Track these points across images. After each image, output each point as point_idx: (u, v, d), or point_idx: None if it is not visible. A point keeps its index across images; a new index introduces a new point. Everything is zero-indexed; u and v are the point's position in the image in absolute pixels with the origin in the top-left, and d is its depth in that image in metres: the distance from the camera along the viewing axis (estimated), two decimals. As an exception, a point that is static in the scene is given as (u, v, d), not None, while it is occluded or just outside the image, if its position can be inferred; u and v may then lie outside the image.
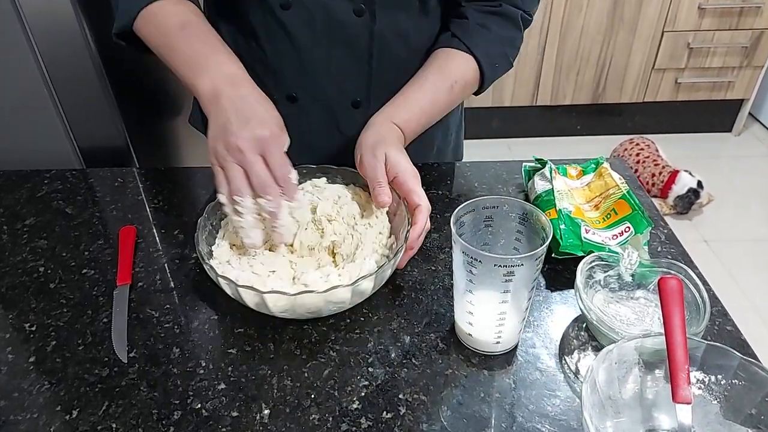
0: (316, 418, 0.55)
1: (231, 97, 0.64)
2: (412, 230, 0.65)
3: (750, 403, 0.51)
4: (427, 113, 0.78)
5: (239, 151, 0.61)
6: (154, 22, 0.71)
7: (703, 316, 0.57)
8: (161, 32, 0.71)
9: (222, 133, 0.62)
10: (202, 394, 0.57)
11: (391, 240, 0.69)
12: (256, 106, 0.65)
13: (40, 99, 0.89)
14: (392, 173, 0.68)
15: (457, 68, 0.79)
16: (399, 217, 0.69)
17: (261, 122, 0.62)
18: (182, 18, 0.71)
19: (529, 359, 0.61)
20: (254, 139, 0.61)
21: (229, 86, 0.65)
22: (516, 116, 2.64)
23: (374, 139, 0.70)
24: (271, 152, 0.62)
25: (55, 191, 0.86)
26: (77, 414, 0.56)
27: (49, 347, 0.62)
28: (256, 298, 0.58)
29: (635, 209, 0.71)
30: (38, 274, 0.71)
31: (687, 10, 2.33)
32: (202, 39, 0.70)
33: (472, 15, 0.81)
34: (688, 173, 2.22)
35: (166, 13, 0.71)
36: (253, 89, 0.67)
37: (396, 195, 0.68)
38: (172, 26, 0.70)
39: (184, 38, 0.70)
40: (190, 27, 0.71)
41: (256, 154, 0.61)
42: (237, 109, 0.63)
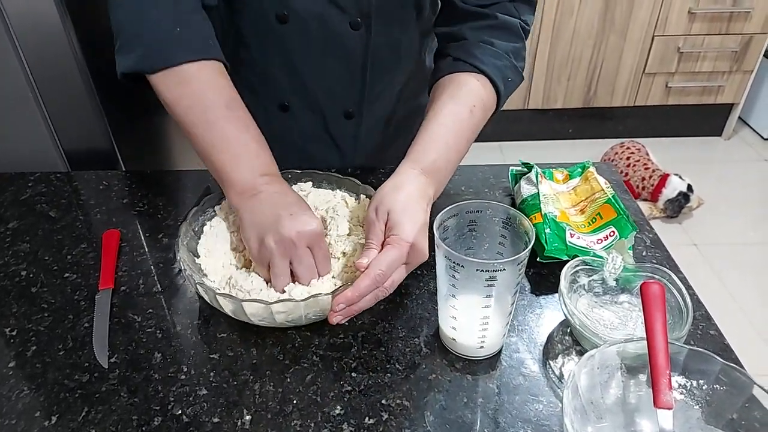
0: (298, 424, 0.55)
1: (270, 193, 0.64)
2: (341, 293, 0.57)
3: (731, 408, 0.51)
4: (453, 147, 0.69)
5: (293, 244, 0.60)
6: (190, 89, 0.66)
7: (685, 320, 0.57)
8: (199, 105, 0.66)
9: (271, 228, 0.61)
10: (183, 399, 0.57)
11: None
12: (298, 202, 0.64)
13: (24, 101, 0.88)
14: (388, 234, 0.60)
15: (471, 92, 0.72)
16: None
17: (311, 217, 0.62)
18: (227, 95, 0.67)
19: (513, 364, 0.61)
20: (306, 233, 0.61)
21: (269, 183, 0.65)
22: (507, 120, 2.65)
23: (388, 190, 0.63)
24: (320, 246, 0.63)
25: (39, 194, 0.85)
26: (56, 420, 0.55)
27: (30, 352, 0.62)
28: (231, 306, 0.58)
29: (620, 213, 0.71)
30: (20, 278, 0.71)
31: (677, 15, 2.34)
32: (247, 125, 0.67)
33: (471, 34, 0.75)
34: (679, 177, 2.23)
35: (206, 81, 0.66)
36: (288, 187, 0.67)
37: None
38: (216, 104, 0.66)
39: (230, 121, 0.66)
40: (236, 110, 0.67)
41: (305, 248, 0.61)
42: (282, 205, 0.63)
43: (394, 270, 0.59)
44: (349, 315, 0.59)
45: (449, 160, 0.69)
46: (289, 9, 0.74)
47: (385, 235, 0.60)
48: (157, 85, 0.67)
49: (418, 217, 0.61)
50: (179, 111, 0.67)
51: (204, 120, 0.66)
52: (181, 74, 0.66)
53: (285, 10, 0.74)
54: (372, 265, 0.57)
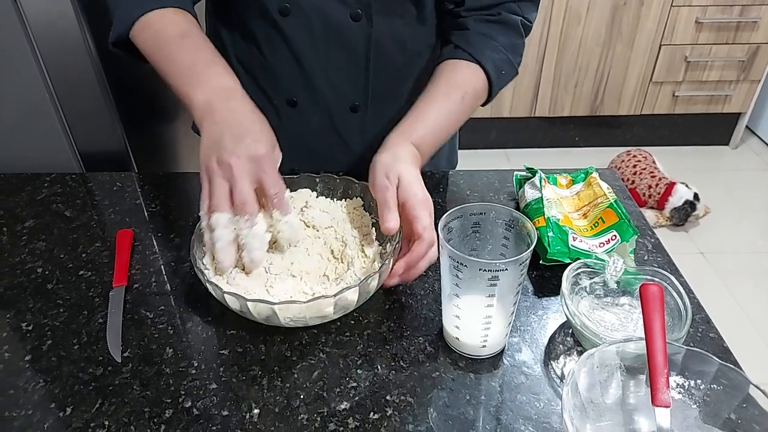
0: (305, 418, 0.56)
1: (224, 111, 0.63)
2: (406, 258, 0.63)
3: (728, 407, 0.52)
4: (442, 127, 0.76)
5: (230, 167, 0.59)
6: (152, 30, 0.71)
7: (684, 322, 0.59)
8: (159, 41, 0.70)
9: (215, 148, 0.61)
10: (193, 393, 0.58)
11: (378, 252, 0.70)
12: (251, 122, 0.64)
13: (42, 104, 0.91)
14: (402, 197, 0.65)
15: (465, 79, 0.78)
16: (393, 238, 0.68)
17: (255, 140, 0.61)
18: (181, 27, 0.71)
19: (515, 363, 0.62)
20: (247, 156, 0.60)
21: (223, 100, 0.64)
22: (514, 127, 2.66)
23: (389, 160, 0.68)
24: (265, 170, 0.61)
25: (54, 194, 0.87)
26: (71, 411, 0.57)
27: (45, 346, 0.63)
28: (238, 305, 0.60)
29: (622, 218, 0.72)
30: (36, 275, 0.73)
31: (684, 24, 2.35)
32: (199, 50, 0.70)
33: (473, 25, 0.81)
34: (685, 185, 2.23)
35: (164, 21, 0.71)
36: (247, 103, 0.66)
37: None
38: (171, 35, 0.70)
39: (181, 48, 0.69)
40: (188, 37, 0.70)
41: (245, 172, 0.60)
42: (230, 124, 0.62)
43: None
44: (406, 280, 0.66)
45: (435, 138, 0.76)
46: (290, 1, 0.77)
47: (398, 198, 0.65)
48: (133, 41, 0.72)
49: (421, 179, 0.68)
50: (148, 54, 0.71)
51: (163, 54, 0.70)
52: (145, 22, 0.71)
53: (287, 3, 0.77)
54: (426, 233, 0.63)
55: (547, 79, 2.48)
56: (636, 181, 2.33)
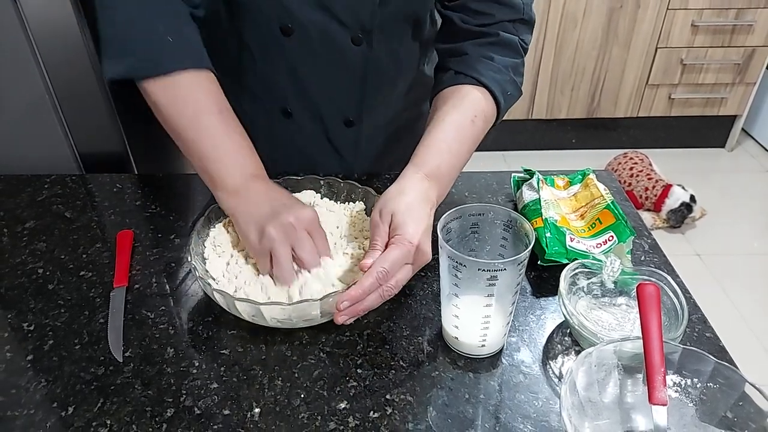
0: (305, 417, 0.57)
1: (260, 191, 0.68)
2: (350, 289, 0.58)
3: (725, 405, 0.53)
4: (455, 154, 0.72)
5: (293, 229, 0.63)
6: (178, 94, 0.68)
7: (681, 321, 0.59)
8: (186, 111, 0.68)
9: (270, 218, 0.64)
10: (194, 392, 0.59)
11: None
12: (289, 196, 0.69)
13: (42, 105, 0.91)
14: (391, 234, 0.62)
15: (473, 102, 0.75)
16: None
17: (303, 206, 0.67)
18: (220, 101, 0.70)
19: (514, 363, 0.63)
20: (301, 220, 0.64)
21: (260, 182, 0.69)
22: (511, 129, 2.67)
23: (392, 194, 0.65)
24: (318, 230, 0.66)
25: (54, 195, 0.88)
26: (73, 411, 0.57)
27: (47, 346, 0.64)
28: (248, 308, 0.61)
29: (619, 219, 0.73)
30: (37, 276, 0.73)
31: (680, 27, 2.37)
32: (238, 131, 0.70)
33: (472, 49, 0.78)
34: (681, 187, 2.24)
35: (194, 89, 0.69)
36: (273, 184, 0.70)
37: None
38: (208, 108, 0.69)
39: (220, 124, 0.69)
40: (226, 115, 0.70)
41: (304, 232, 0.65)
42: (274, 198, 0.67)
43: (398, 269, 0.61)
44: (355, 314, 0.60)
45: (452, 166, 0.72)
46: (293, 22, 0.77)
47: (389, 236, 0.62)
48: (147, 89, 0.69)
49: (421, 219, 0.63)
50: (171, 113, 0.68)
51: (196, 124, 0.68)
52: (173, 80, 0.68)
53: (289, 23, 0.77)
54: (375, 263, 0.59)
55: (543, 82, 2.50)
56: (633, 183, 2.34)
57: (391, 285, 0.61)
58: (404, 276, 0.62)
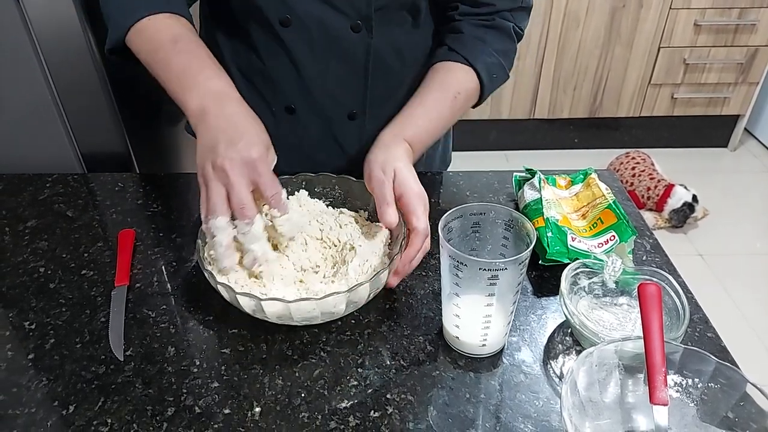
0: (306, 416, 0.57)
1: (218, 116, 0.64)
2: (405, 253, 0.65)
3: (726, 406, 0.52)
4: (433, 126, 0.79)
5: (224, 171, 0.60)
6: (146, 35, 0.71)
7: (682, 321, 0.59)
8: (152, 46, 0.71)
9: (209, 154, 0.62)
10: (195, 391, 0.59)
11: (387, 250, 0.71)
12: (244, 125, 0.64)
13: (45, 105, 0.91)
14: (398, 191, 0.67)
15: (457, 80, 0.81)
16: (398, 231, 0.69)
17: (248, 143, 0.62)
18: (174, 32, 0.71)
19: (515, 362, 0.62)
20: (241, 160, 0.61)
21: (216, 104, 0.65)
22: (514, 129, 2.67)
23: (384, 156, 0.70)
24: (260, 173, 0.62)
25: (56, 194, 0.88)
26: (74, 409, 0.57)
27: (48, 345, 0.64)
28: (252, 304, 0.60)
29: (620, 218, 0.72)
30: (38, 275, 0.73)
31: (683, 27, 2.36)
32: (192, 54, 0.70)
33: (468, 29, 0.83)
34: (684, 187, 2.24)
35: (158, 27, 0.71)
36: (240, 106, 0.66)
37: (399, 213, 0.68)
38: (164, 40, 0.70)
39: (174, 53, 0.69)
40: (181, 41, 0.70)
41: (241, 176, 0.61)
42: (224, 128, 0.63)
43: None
44: (406, 275, 0.68)
45: (426, 136, 0.78)
46: (291, 13, 0.78)
47: (394, 192, 0.67)
48: (129, 47, 0.73)
49: (414, 173, 0.70)
50: (143, 59, 0.72)
51: (156, 59, 0.71)
52: (139, 28, 0.72)
53: (287, 14, 0.78)
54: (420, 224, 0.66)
55: (546, 81, 2.49)
56: (635, 183, 2.34)
57: (428, 240, 0.67)
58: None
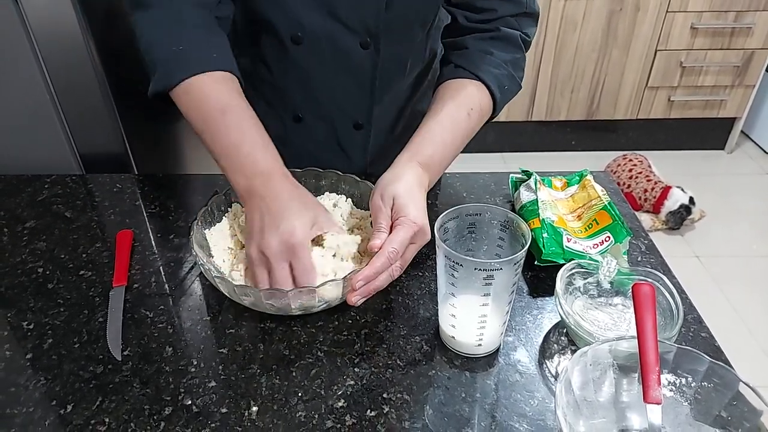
0: (303, 416, 0.57)
1: (264, 197, 0.65)
2: (360, 271, 0.61)
3: (719, 404, 0.53)
4: (449, 145, 0.75)
5: (267, 258, 0.63)
6: (194, 100, 0.70)
7: (676, 321, 0.60)
8: (200, 114, 0.70)
9: (256, 237, 0.64)
10: (192, 391, 0.59)
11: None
12: (288, 206, 0.65)
13: (43, 106, 0.92)
14: (395, 216, 0.65)
15: (469, 96, 0.78)
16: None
17: (290, 227, 0.63)
18: (222, 102, 0.70)
19: (510, 362, 0.63)
20: (282, 244, 0.62)
21: (263, 185, 0.66)
22: (511, 131, 2.68)
23: (390, 179, 0.68)
24: (298, 257, 0.63)
25: (55, 195, 0.88)
26: (71, 408, 0.57)
27: (46, 345, 0.64)
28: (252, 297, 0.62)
29: (615, 219, 0.73)
30: (37, 275, 0.73)
31: (680, 30, 2.37)
32: (240, 130, 0.69)
33: (473, 43, 0.81)
34: (681, 189, 2.25)
35: (206, 92, 0.70)
36: (286, 183, 0.67)
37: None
38: (211, 110, 0.69)
39: (223, 127, 0.68)
40: (229, 113, 0.69)
41: (282, 261, 0.63)
42: (268, 211, 0.64)
43: (405, 248, 0.64)
44: (367, 294, 0.63)
45: (444, 156, 0.75)
46: (302, 30, 0.79)
47: (392, 219, 0.65)
48: (174, 99, 0.72)
49: (420, 201, 0.67)
50: (189, 121, 0.71)
51: (204, 129, 0.70)
52: (185, 88, 0.70)
53: (299, 32, 0.79)
54: (385, 244, 0.62)
55: (543, 84, 2.50)
56: (632, 185, 2.35)
57: (398, 265, 0.64)
58: (410, 255, 0.66)
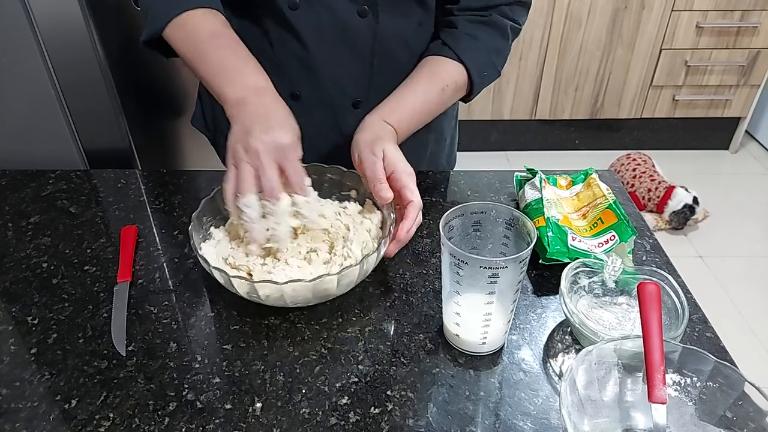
0: (306, 412, 0.57)
1: (256, 104, 0.68)
2: (402, 223, 0.67)
3: (724, 404, 0.53)
4: (418, 114, 0.81)
5: (257, 154, 0.64)
6: (186, 30, 0.74)
7: (681, 321, 0.59)
8: (192, 41, 0.74)
9: (244, 135, 0.65)
10: (197, 387, 0.59)
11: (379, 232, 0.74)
12: (280, 115, 0.68)
13: (48, 102, 0.92)
14: (389, 170, 0.70)
15: (447, 73, 0.82)
16: (386, 210, 0.73)
17: (283, 130, 0.66)
18: (213, 28, 0.74)
19: (514, 360, 0.63)
20: (274, 144, 0.65)
21: (255, 95, 0.69)
22: (515, 130, 2.67)
23: (371, 137, 0.73)
24: (289, 159, 0.66)
25: (59, 191, 0.88)
26: (76, 403, 0.58)
27: (51, 340, 0.64)
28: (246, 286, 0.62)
29: (620, 218, 0.73)
30: (41, 270, 0.74)
31: (685, 29, 2.37)
32: (232, 50, 0.73)
33: (462, 24, 0.84)
34: (684, 189, 2.24)
35: (197, 22, 0.74)
36: (277, 100, 0.71)
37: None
38: (204, 35, 0.73)
39: (214, 48, 0.73)
40: (221, 37, 0.74)
41: (271, 159, 0.64)
42: (261, 115, 0.67)
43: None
44: (403, 244, 0.69)
45: (410, 124, 0.81)
46: None
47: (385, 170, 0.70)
48: (167, 39, 0.75)
49: (401, 155, 0.72)
50: (182, 52, 0.75)
51: (197, 53, 0.73)
52: (179, 22, 0.74)
53: None
54: (414, 197, 0.68)
55: (547, 83, 2.49)
56: (636, 185, 2.34)
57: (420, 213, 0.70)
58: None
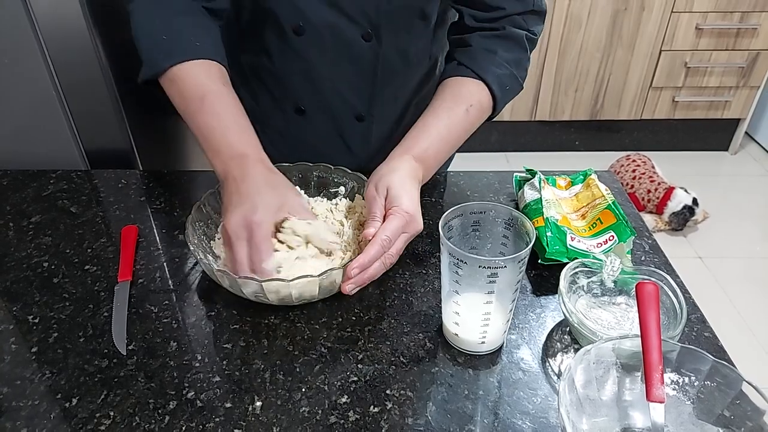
0: (306, 411, 0.57)
1: (237, 179, 0.67)
2: (355, 259, 0.62)
3: (722, 404, 0.53)
4: (444, 139, 0.76)
5: (228, 237, 0.64)
6: (176, 87, 0.73)
7: (679, 320, 0.60)
8: (182, 101, 0.73)
9: (224, 215, 0.66)
10: (197, 385, 0.59)
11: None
12: (257, 190, 0.66)
13: (49, 102, 0.92)
14: (388, 206, 0.67)
15: (469, 93, 0.79)
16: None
17: (252, 207, 0.64)
18: (203, 88, 0.72)
19: (513, 360, 0.63)
20: (242, 221, 0.63)
21: (238, 168, 0.67)
22: (515, 131, 2.68)
23: (384, 171, 0.70)
24: (254, 235, 0.63)
25: (60, 191, 0.88)
26: (77, 402, 0.58)
27: (51, 338, 0.65)
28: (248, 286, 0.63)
29: (619, 219, 0.73)
30: (42, 269, 0.74)
31: (685, 30, 2.37)
32: (216, 115, 0.71)
33: (476, 41, 0.81)
34: (684, 190, 2.25)
35: (187, 80, 0.73)
36: (259, 168, 0.68)
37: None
38: (192, 97, 0.72)
39: (201, 113, 0.71)
40: (207, 99, 0.71)
41: (240, 239, 0.63)
42: (238, 192, 0.66)
43: (397, 238, 0.65)
44: (361, 283, 0.64)
45: (439, 150, 0.76)
46: (304, 21, 0.79)
47: (385, 208, 0.67)
48: (163, 87, 0.75)
49: (413, 192, 0.68)
50: (177, 108, 0.74)
51: (186, 114, 0.73)
52: (170, 76, 0.73)
53: (300, 22, 0.79)
54: (378, 232, 0.64)
55: (547, 84, 2.50)
56: (635, 186, 2.35)
57: (392, 253, 0.65)
58: (402, 244, 0.66)
